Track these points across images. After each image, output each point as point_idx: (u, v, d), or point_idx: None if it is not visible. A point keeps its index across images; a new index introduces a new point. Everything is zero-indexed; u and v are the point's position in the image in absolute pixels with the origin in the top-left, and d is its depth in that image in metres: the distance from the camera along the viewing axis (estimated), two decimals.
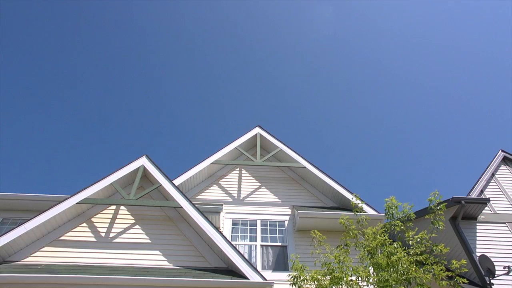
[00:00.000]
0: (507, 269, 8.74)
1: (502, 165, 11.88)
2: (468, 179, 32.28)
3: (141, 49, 33.98)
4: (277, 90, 36.96)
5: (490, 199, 10.52)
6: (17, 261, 6.98)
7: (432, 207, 5.31)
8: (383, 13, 33.77)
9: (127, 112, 35.72)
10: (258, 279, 6.43)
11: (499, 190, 11.09)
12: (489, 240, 9.59)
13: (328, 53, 35.56)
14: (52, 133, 33.38)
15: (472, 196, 10.45)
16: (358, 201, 6.51)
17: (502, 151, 12.11)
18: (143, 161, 8.72)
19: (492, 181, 11.35)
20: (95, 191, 7.94)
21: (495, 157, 11.96)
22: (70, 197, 7.71)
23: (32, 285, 6.09)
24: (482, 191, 10.92)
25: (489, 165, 11.65)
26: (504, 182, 11.35)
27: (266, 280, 6.39)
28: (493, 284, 7.94)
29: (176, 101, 37.11)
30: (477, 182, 11.09)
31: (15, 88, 29.54)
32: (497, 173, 11.62)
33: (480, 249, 9.27)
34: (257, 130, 11.94)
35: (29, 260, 7.07)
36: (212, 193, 10.65)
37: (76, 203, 7.64)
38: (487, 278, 8.01)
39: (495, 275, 8.04)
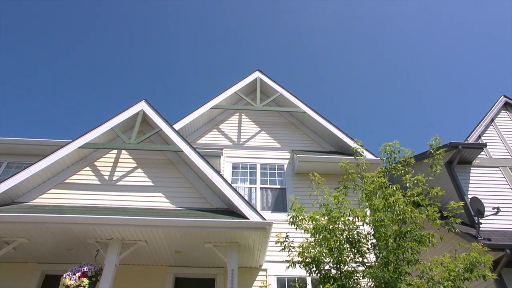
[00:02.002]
0: (495, 210, 9.13)
1: (502, 111, 11.85)
2: (468, 125, 32.44)
3: None
4: (277, 32, 35.61)
5: (487, 144, 10.65)
6: (25, 202, 7.24)
7: (432, 151, 5.37)
8: None
9: (128, 58, 34.76)
10: (257, 219, 6.71)
11: (496, 135, 11.18)
12: (481, 183, 9.89)
13: None
14: (53, 80, 32.77)
15: (470, 141, 10.58)
16: (359, 146, 6.58)
17: (504, 96, 12.01)
18: (142, 106, 8.66)
19: (491, 126, 11.40)
20: (96, 135, 7.98)
21: (496, 102, 11.89)
22: (72, 141, 7.77)
23: (41, 224, 6.35)
24: (479, 136, 11.02)
25: (489, 110, 11.63)
26: (503, 127, 11.40)
27: (265, 220, 6.66)
28: (481, 223, 8.33)
29: (175, 45, 35.93)
30: (475, 128, 11.15)
31: (17, 31, 28.40)
32: (497, 118, 11.63)
33: (473, 192, 9.60)
34: (257, 75, 11.71)
35: (37, 201, 7.32)
36: (212, 138, 10.74)
37: (78, 148, 7.72)
38: (476, 218, 8.39)
39: (484, 216, 8.41)
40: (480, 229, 8.28)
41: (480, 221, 8.36)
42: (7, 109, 30.93)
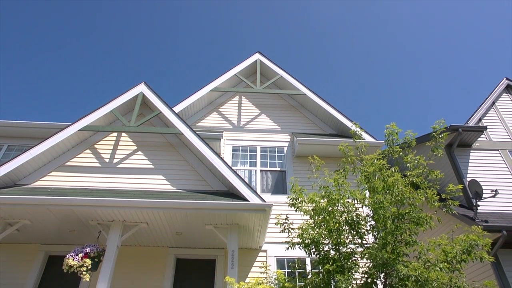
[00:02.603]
0: (493, 192, 9.20)
1: (504, 93, 11.78)
2: (470, 108, 32.30)
3: None
4: (278, 14, 35.02)
5: (487, 127, 10.64)
6: (27, 185, 7.28)
7: (435, 134, 5.36)
8: None
9: (127, 41, 34.29)
10: (257, 200, 6.76)
11: (497, 118, 11.15)
12: (481, 166, 9.92)
13: None
14: (54, 63, 32.42)
15: (470, 124, 10.56)
16: (358, 129, 6.56)
17: (507, 79, 11.91)
18: (141, 88, 8.60)
19: (492, 109, 11.36)
20: (95, 118, 7.96)
21: (498, 85, 11.81)
22: (71, 124, 7.75)
23: (43, 206, 6.41)
24: (480, 119, 11.00)
25: (491, 93, 11.56)
26: (504, 110, 11.36)
27: (265, 202, 6.72)
28: (479, 205, 8.40)
29: (175, 28, 35.38)
30: (476, 110, 11.11)
31: (18, 12, 27.92)
32: (498, 101, 11.57)
33: (472, 175, 9.65)
34: (257, 57, 11.58)
35: (39, 184, 7.36)
36: (212, 120, 10.71)
37: (78, 130, 7.71)
38: (473, 200, 8.46)
39: (482, 198, 8.48)
40: (478, 211, 8.36)
41: (478, 203, 8.43)
42: (7, 92, 30.74)
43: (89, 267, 6.23)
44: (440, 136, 5.36)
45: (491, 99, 11.42)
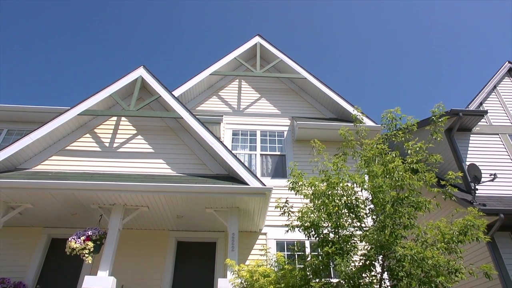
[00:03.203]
0: (492, 176, 9.25)
1: (506, 77, 11.68)
2: (472, 93, 32.12)
3: None
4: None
5: (488, 111, 10.60)
6: (28, 169, 7.31)
7: (434, 118, 5.33)
8: None
9: (126, 24, 33.79)
10: (257, 184, 6.81)
11: (498, 102, 11.10)
12: (480, 151, 9.93)
13: None
14: (53, 47, 32.04)
15: (471, 109, 10.52)
16: (359, 113, 6.53)
17: (509, 62, 11.80)
18: (140, 72, 8.53)
19: (493, 93, 11.29)
20: (95, 102, 7.92)
21: (500, 69, 11.70)
22: (71, 108, 7.73)
23: (44, 190, 6.45)
24: (481, 103, 10.95)
25: (492, 77, 11.47)
26: (505, 94, 11.29)
27: (265, 185, 6.76)
28: (477, 189, 8.46)
29: (175, 11, 34.81)
30: (477, 94, 11.05)
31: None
32: (500, 85, 11.49)
33: (471, 159, 9.67)
34: (256, 40, 11.44)
35: (39, 168, 7.39)
36: (212, 104, 10.67)
37: (77, 115, 7.69)
38: (472, 185, 8.52)
39: (481, 182, 8.53)
40: (477, 195, 8.43)
41: (477, 187, 8.49)
42: (6, 76, 30.50)
43: (91, 250, 6.32)
44: (440, 120, 5.33)
45: (493, 83, 11.34)
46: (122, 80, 8.32)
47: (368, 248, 4.92)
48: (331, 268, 5.06)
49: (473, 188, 8.34)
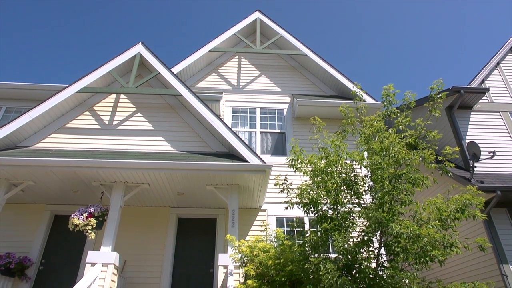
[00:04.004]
0: (491, 154, 9.28)
1: (509, 54, 11.51)
2: (474, 70, 31.73)
3: None
4: None
5: (490, 88, 10.51)
6: (28, 147, 7.33)
7: (433, 95, 5.29)
8: None
9: (125, 1, 32.98)
10: (257, 162, 6.84)
11: (500, 79, 10.99)
12: (480, 128, 9.92)
13: None
14: (52, 25, 31.39)
15: (473, 86, 10.43)
16: (358, 90, 6.47)
17: None
18: (139, 49, 8.40)
19: (496, 70, 11.16)
20: (93, 79, 7.85)
21: (504, 45, 11.51)
22: (69, 86, 7.66)
23: (46, 167, 6.49)
24: (483, 81, 10.84)
25: (496, 53, 11.30)
26: (508, 71, 11.16)
27: (265, 163, 6.80)
28: (476, 167, 8.51)
29: None
30: (480, 71, 10.92)
31: None
32: (503, 62, 11.34)
33: (471, 137, 9.68)
34: (256, 15, 11.20)
35: (39, 145, 7.40)
36: (211, 82, 10.57)
37: (76, 92, 7.63)
38: (471, 162, 8.56)
39: (479, 159, 8.57)
40: (475, 172, 8.48)
41: (476, 164, 8.54)
42: (5, 54, 30.06)
43: (94, 226, 6.43)
44: (438, 96, 5.28)
45: (496, 60, 11.18)
46: (120, 57, 8.21)
47: (367, 225, 5.00)
48: (330, 244, 5.16)
49: (471, 165, 8.39)
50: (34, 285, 7.38)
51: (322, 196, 5.25)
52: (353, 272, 4.88)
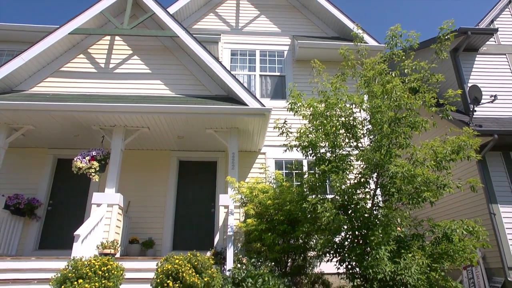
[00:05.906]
0: (492, 98, 9.21)
1: None
2: (483, 11, 30.29)
3: None
4: None
5: (499, 29, 10.11)
6: (24, 91, 7.23)
7: (441, 36, 5.08)
8: None
9: None
10: (257, 105, 6.81)
11: (510, 19, 10.52)
12: (484, 71, 9.71)
13: None
14: None
15: (481, 27, 10.02)
16: (359, 31, 6.22)
17: None
18: None
19: (507, 9, 10.64)
20: (85, 20, 7.50)
21: None
22: (60, 27, 7.36)
23: (44, 111, 6.46)
24: (492, 21, 10.39)
25: None
26: None
27: (264, 106, 6.77)
28: (475, 111, 8.49)
29: None
30: (490, 11, 10.44)
31: None
32: None
33: (474, 80, 9.51)
34: None
35: (36, 89, 7.30)
36: (209, 22, 10.15)
37: (68, 33, 7.34)
38: (471, 106, 8.52)
39: (480, 103, 8.52)
40: (474, 116, 8.48)
41: (475, 108, 8.51)
42: None
43: (97, 169, 6.57)
44: (447, 37, 5.09)
45: None
46: None
47: (364, 167, 5.11)
48: (327, 185, 5.32)
49: (471, 109, 8.37)
50: (44, 224, 7.76)
51: (321, 139, 5.30)
52: (349, 212, 5.10)
